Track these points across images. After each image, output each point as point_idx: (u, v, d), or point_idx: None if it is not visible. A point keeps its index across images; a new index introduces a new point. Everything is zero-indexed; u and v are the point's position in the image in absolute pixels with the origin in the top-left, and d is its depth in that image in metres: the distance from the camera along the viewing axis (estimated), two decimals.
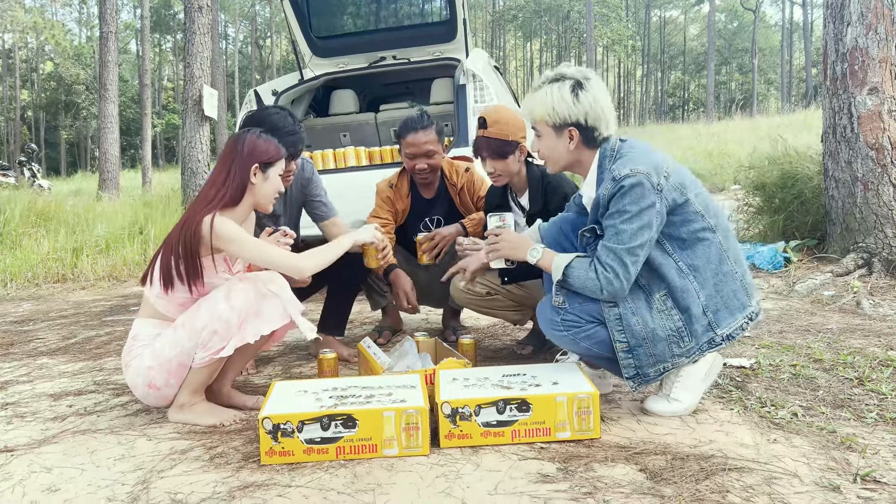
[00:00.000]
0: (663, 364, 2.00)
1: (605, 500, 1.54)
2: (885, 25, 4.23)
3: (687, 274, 1.99)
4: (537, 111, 2.09)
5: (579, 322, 2.00)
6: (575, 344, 2.03)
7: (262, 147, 2.26)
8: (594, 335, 2.00)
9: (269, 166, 2.26)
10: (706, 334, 2.00)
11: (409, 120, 3.06)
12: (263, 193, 2.27)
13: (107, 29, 12.31)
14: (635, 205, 1.92)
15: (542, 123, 2.10)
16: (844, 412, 2.04)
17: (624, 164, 1.96)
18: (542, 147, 2.15)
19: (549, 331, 2.07)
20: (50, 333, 3.87)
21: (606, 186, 1.96)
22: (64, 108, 40.17)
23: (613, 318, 1.98)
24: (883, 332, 2.98)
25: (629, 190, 1.92)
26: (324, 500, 1.61)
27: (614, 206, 1.94)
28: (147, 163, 19.04)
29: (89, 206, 8.10)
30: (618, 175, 1.94)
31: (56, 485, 1.75)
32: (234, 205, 2.21)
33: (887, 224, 4.18)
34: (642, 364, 1.98)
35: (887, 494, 1.52)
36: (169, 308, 2.20)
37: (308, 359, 3.00)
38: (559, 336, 2.05)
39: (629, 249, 1.93)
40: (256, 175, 2.23)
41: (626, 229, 1.93)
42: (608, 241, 1.95)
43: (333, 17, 5.72)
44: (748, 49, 47.73)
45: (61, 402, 2.50)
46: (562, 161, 2.14)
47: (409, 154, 3.04)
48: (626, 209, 1.92)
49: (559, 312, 2.02)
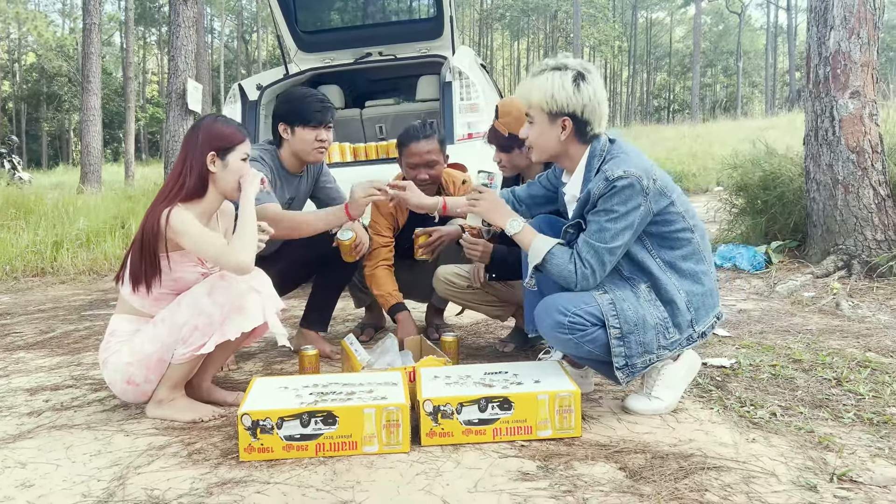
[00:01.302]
0: (650, 355, 2.00)
1: (585, 498, 1.54)
2: (868, 30, 4.27)
3: (665, 270, 2.03)
4: (535, 96, 2.05)
5: (584, 325, 1.95)
6: (578, 348, 1.99)
7: (217, 132, 2.15)
8: (597, 339, 1.97)
9: (227, 152, 2.15)
10: (688, 329, 2.04)
11: (411, 128, 2.97)
12: (225, 182, 2.16)
13: (90, 20, 12.16)
14: (623, 205, 1.93)
15: (537, 109, 2.07)
16: (822, 412, 2.06)
17: (617, 164, 1.97)
18: (533, 133, 2.11)
19: (554, 334, 1.99)
20: (27, 327, 3.82)
21: (598, 185, 1.96)
22: (46, 100, 39.65)
23: (607, 303, 1.97)
24: (861, 334, 3.01)
25: (620, 191, 1.93)
26: (303, 497, 1.59)
27: (603, 205, 1.95)
28: (130, 156, 18.84)
29: (70, 200, 8.01)
30: (611, 175, 1.94)
31: (30, 480, 1.73)
32: (196, 196, 2.14)
33: (867, 226, 4.23)
34: (632, 353, 1.98)
35: (863, 494, 1.53)
36: (144, 304, 2.17)
37: (289, 355, 2.98)
38: (563, 339, 1.98)
39: (610, 249, 1.95)
40: (215, 163, 2.14)
41: (611, 228, 1.94)
42: (590, 236, 1.96)
43: (320, 12, 5.70)
44: (733, 52, 48.13)
45: (37, 396, 2.47)
46: (549, 150, 2.12)
47: (411, 164, 2.94)
48: (614, 209, 1.94)
49: (566, 314, 1.95)
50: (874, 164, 4.26)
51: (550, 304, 2.02)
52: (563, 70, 2.04)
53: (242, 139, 2.20)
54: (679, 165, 13.78)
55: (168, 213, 2.06)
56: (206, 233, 2.08)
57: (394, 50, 5.16)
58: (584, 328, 1.95)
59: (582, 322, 1.95)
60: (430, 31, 5.09)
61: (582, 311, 1.96)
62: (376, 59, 5.19)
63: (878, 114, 4.35)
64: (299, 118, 2.77)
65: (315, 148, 2.81)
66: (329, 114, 2.81)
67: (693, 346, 2.09)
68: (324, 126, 2.80)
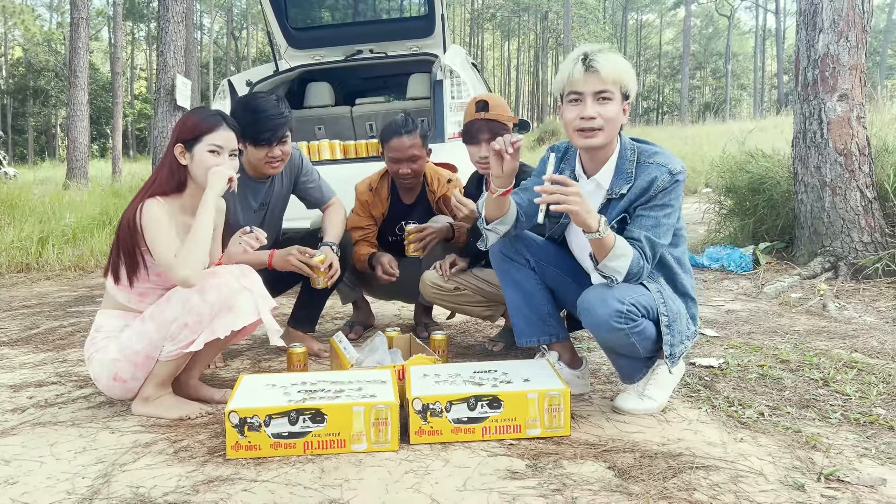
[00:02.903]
0: (682, 345, 2.04)
1: (574, 497, 1.54)
2: (856, 33, 4.30)
3: (675, 266, 2.10)
4: (625, 76, 1.94)
5: (636, 316, 1.93)
6: (625, 338, 1.95)
7: (184, 123, 2.13)
8: (643, 331, 1.97)
9: (193, 143, 2.10)
10: (698, 321, 2.13)
11: (393, 123, 2.98)
12: (197, 175, 2.12)
13: (78, 15, 12.08)
14: (677, 200, 1.98)
15: (616, 86, 1.95)
16: (810, 412, 2.07)
17: (669, 159, 1.98)
18: (611, 112, 1.96)
19: (609, 322, 1.91)
20: (12, 323, 3.78)
21: (663, 179, 1.95)
22: (32, 95, 39.29)
23: (656, 291, 1.99)
24: (848, 335, 3.03)
25: (679, 185, 1.96)
26: (290, 495, 1.58)
27: (662, 199, 1.96)
28: (117, 152, 18.71)
29: (56, 195, 7.94)
30: (674, 169, 1.96)
31: (14, 477, 1.70)
32: (175, 191, 2.12)
33: (854, 228, 4.26)
34: (674, 342, 2.01)
35: (850, 493, 1.54)
36: (130, 298, 2.15)
37: (277, 353, 2.96)
38: (617, 329, 1.91)
39: (662, 246, 2.00)
40: (185, 156, 2.12)
41: (666, 224, 1.97)
42: (649, 231, 1.96)
43: (311, 9, 5.68)
44: (722, 54, 48.39)
45: (21, 393, 2.44)
46: (614, 131, 2.00)
47: (393, 158, 2.97)
48: (671, 204, 1.97)
49: (623, 303, 1.90)
50: (861, 166, 4.29)
51: (603, 293, 1.94)
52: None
53: (209, 129, 2.11)
54: None
55: (141, 207, 2.06)
56: (164, 236, 2.02)
57: (385, 48, 5.15)
58: (636, 319, 1.94)
59: (635, 312, 1.93)
60: (422, 29, 5.08)
61: (635, 301, 1.93)
62: (367, 57, 5.17)
63: (865, 117, 4.38)
64: (249, 136, 2.61)
65: (267, 163, 2.70)
66: (280, 130, 2.64)
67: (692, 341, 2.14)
68: (275, 144, 2.65)
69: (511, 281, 2.25)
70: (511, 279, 2.25)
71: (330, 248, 2.76)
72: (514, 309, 2.28)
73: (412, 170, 2.99)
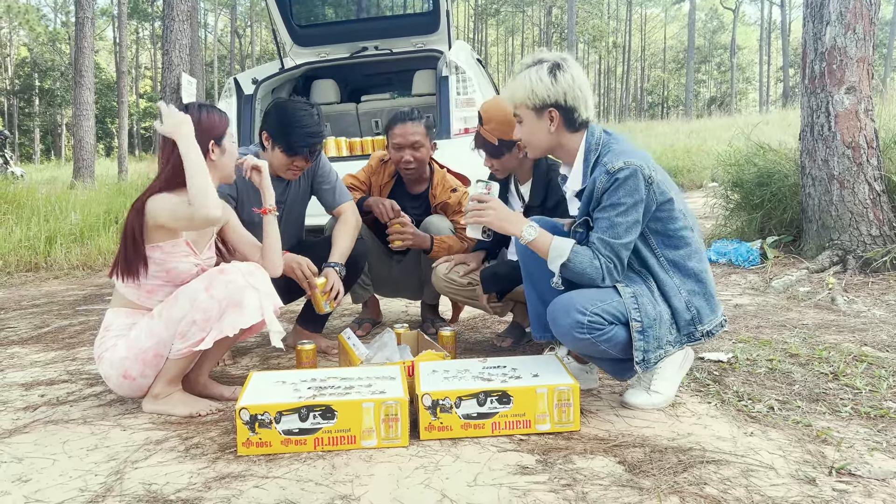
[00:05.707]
0: (660, 350, 2.01)
1: (584, 491, 1.54)
2: (864, 25, 4.27)
3: (667, 269, 2.05)
4: (518, 94, 2.08)
5: (602, 325, 1.94)
6: (593, 347, 1.97)
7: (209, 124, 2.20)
8: (613, 337, 1.96)
9: (221, 138, 2.22)
10: (688, 328, 2.05)
11: (398, 112, 3.03)
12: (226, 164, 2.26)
13: (83, 14, 12.09)
14: (630, 197, 1.93)
15: (522, 107, 2.09)
16: (820, 406, 2.06)
17: (616, 156, 1.97)
18: (524, 133, 2.13)
19: (572, 334, 1.94)
20: (22, 322, 3.80)
21: (601, 180, 1.96)
22: (38, 95, 39.44)
23: (629, 296, 1.98)
24: (857, 328, 3.02)
25: (623, 182, 1.93)
26: (301, 491, 1.59)
27: (609, 199, 1.95)
28: (123, 151, 18.79)
29: (63, 195, 7.95)
30: (612, 168, 1.94)
31: (27, 475, 1.72)
32: (180, 186, 2.13)
33: (862, 222, 4.24)
34: (648, 348, 1.99)
35: (861, 487, 1.54)
36: (139, 296, 2.16)
37: (286, 350, 2.97)
38: (580, 339, 1.95)
39: (625, 245, 1.96)
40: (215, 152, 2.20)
41: (622, 223, 1.94)
42: (603, 233, 1.96)
43: (315, 6, 5.69)
44: (727, 48, 48.18)
45: (33, 391, 2.45)
46: (543, 144, 2.13)
47: (396, 144, 2.99)
48: (621, 202, 1.93)
49: (584, 314, 1.93)
50: (869, 159, 4.27)
51: (567, 302, 1.97)
52: (538, 64, 2.06)
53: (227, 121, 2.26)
54: (674, 161, 13.78)
55: (145, 201, 2.10)
56: (175, 203, 2.09)
57: (390, 44, 5.15)
58: (602, 327, 1.94)
59: (601, 321, 1.94)
60: (427, 26, 5.08)
61: (600, 309, 1.94)
62: (372, 54, 5.18)
63: (873, 109, 4.35)
64: (283, 142, 2.63)
65: (290, 170, 2.70)
66: (317, 148, 2.68)
67: (695, 344, 2.10)
68: (303, 157, 2.67)
69: (529, 275, 2.26)
70: (529, 274, 2.25)
71: (333, 269, 2.71)
72: (531, 304, 2.29)
73: (415, 157, 3.00)
